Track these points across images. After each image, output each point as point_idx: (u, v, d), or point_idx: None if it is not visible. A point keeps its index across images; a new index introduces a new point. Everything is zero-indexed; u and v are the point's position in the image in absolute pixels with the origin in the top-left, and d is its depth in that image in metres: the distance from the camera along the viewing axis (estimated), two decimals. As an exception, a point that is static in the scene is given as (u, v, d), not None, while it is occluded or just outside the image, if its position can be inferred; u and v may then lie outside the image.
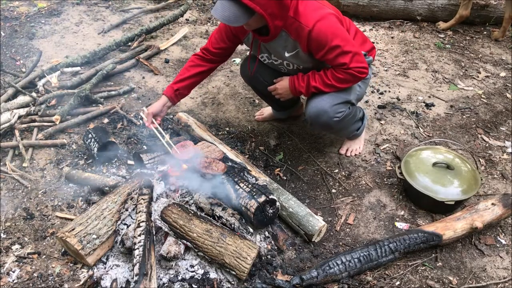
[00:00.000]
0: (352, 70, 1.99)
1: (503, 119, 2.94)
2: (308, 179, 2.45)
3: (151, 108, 2.22)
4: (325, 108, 2.12)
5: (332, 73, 2.04)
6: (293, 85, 2.15)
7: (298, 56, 2.07)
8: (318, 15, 1.91)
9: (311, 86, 2.10)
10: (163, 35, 3.89)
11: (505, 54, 3.72)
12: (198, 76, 2.30)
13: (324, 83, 2.07)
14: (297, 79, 2.14)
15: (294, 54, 2.07)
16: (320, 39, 1.92)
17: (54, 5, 4.24)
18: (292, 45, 2.03)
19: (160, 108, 2.24)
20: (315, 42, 1.93)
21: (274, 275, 1.87)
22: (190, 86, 2.31)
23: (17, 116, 2.67)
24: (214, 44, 2.23)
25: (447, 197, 2.10)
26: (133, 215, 1.96)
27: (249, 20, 1.82)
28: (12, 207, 2.18)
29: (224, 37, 2.20)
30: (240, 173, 2.12)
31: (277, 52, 2.12)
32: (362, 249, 1.91)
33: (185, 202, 2.07)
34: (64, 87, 2.95)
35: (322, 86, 2.08)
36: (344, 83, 2.06)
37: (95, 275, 1.85)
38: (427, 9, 4.12)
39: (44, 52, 3.42)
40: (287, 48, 2.06)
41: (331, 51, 1.95)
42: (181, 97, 2.33)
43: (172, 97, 2.26)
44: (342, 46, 1.94)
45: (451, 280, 1.92)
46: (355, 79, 2.05)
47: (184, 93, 2.32)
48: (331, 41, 1.92)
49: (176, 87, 2.25)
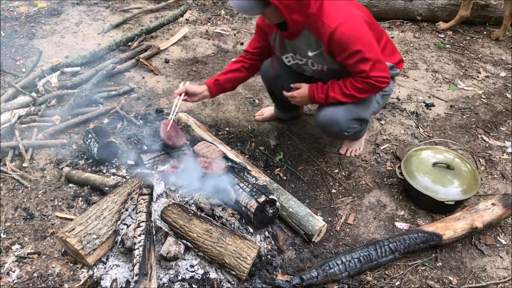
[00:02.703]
0: (371, 80, 1.93)
1: (503, 119, 2.94)
2: (308, 179, 2.45)
3: (190, 86, 2.27)
4: (338, 120, 2.10)
5: (351, 82, 1.98)
6: (312, 95, 2.11)
7: (322, 56, 2.01)
8: (343, 15, 1.84)
9: (330, 97, 2.06)
10: (163, 35, 3.89)
11: (505, 54, 3.72)
12: (240, 71, 2.33)
13: (343, 93, 2.02)
14: (317, 90, 2.09)
15: (318, 53, 2.01)
16: (342, 42, 1.84)
17: (54, 5, 4.24)
18: (315, 44, 1.97)
19: (196, 91, 2.29)
20: (337, 44, 1.86)
21: (274, 275, 1.87)
22: (231, 80, 2.34)
23: (17, 116, 2.67)
24: (252, 45, 2.31)
25: (447, 197, 2.10)
26: (133, 215, 1.96)
27: (266, 11, 1.81)
28: (12, 207, 2.18)
29: (259, 37, 2.26)
30: (240, 173, 2.12)
31: (301, 50, 2.07)
32: (362, 249, 1.91)
33: (185, 202, 2.07)
34: (64, 87, 2.95)
35: (341, 97, 2.03)
36: (364, 93, 2.01)
37: (95, 275, 1.85)
38: (427, 9, 4.12)
39: (44, 52, 3.42)
40: (311, 46, 2.00)
41: (352, 56, 1.88)
42: (221, 90, 2.36)
43: (211, 87, 2.30)
44: (364, 52, 1.86)
45: (451, 280, 1.92)
46: (374, 89, 1.99)
47: (224, 86, 2.34)
48: (353, 45, 1.84)
49: (217, 78, 2.30)
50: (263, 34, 2.22)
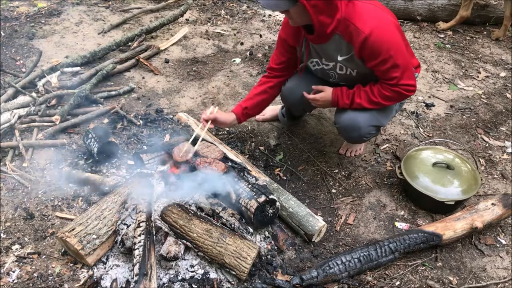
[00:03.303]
0: (399, 88, 1.92)
1: (503, 119, 2.94)
2: (308, 179, 2.45)
3: (220, 114, 2.19)
4: (360, 126, 2.08)
5: (379, 90, 1.96)
6: (336, 100, 2.07)
7: (353, 60, 1.96)
8: (376, 20, 1.80)
9: (355, 103, 2.03)
10: (163, 35, 3.89)
11: (505, 54, 3.72)
12: (266, 93, 2.27)
13: (369, 100, 2.00)
14: (341, 95, 2.05)
15: (348, 57, 1.96)
16: (375, 48, 1.81)
17: (54, 5, 4.24)
18: (346, 48, 1.92)
19: (224, 120, 2.20)
20: (370, 50, 1.82)
21: (274, 275, 1.87)
22: (258, 104, 2.28)
23: (17, 116, 2.67)
24: (275, 61, 2.23)
25: (447, 197, 2.10)
26: (133, 215, 1.96)
27: (291, 10, 1.76)
28: (12, 207, 2.18)
29: (282, 51, 2.18)
30: (240, 173, 2.12)
31: (329, 55, 2.01)
32: (362, 249, 1.91)
33: (185, 202, 2.07)
34: (64, 87, 2.95)
35: (367, 104, 2.01)
36: (390, 100, 2.00)
37: (95, 275, 1.85)
38: (427, 9, 4.12)
39: (44, 52, 3.42)
40: (341, 51, 1.95)
41: (384, 63, 1.85)
42: (248, 117, 2.31)
43: (239, 115, 2.25)
44: (396, 58, 1.83)
45: (451, 280, 1.92)
46: (401, 97, 1.98)
47: (250, 113, 2.29)
48: (386, 52, 1.81)
49: (245, 105, 2.24)
50: (287, 46, 2.14)
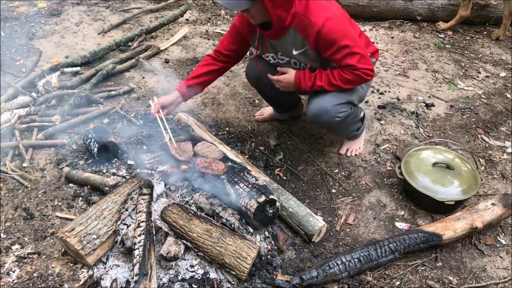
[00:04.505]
0: (359, 71, 2.00)
1: (503, 119, 2.94)
2: (308, 179, 2.45)
3: (162, 98, 2.25)
4: (327, 108, 2.12)
5: (339, 73, 2.03)
6: (298, 82, 2.12)
7: (306, 54, 2.06)
8: (328, 13, 1.92)
9: (316, 85, 2.09)
10: (163, 35, 3.89)
11: (505, 54, 3.72)
12: (210, 74, 2.33)
13: (329, 82, 2.07)
14: (304, 77, 2.11)
15: (302, 51, 2.06)
16: (329, 38, 1.92)
17: (54, 5, 4.24)
18: (300, 43, 2.02)
19: (170, 101, 2.26)
20: (324, 40, 1.93)
21: (274, 275, 1.87)
22: (202, 83, 2.34)
23: (17, 116, 2.67)
24: (225, 47, 2.27)
25: (447, 197, 2.10)
26: (133, 215, 1.96)
27: (251, 8, 1.83)
28: (12, 207, 2.18)
29: (234, 40, 2.23)
30: (240, 173, 2.12)
31: (285, 50, 2.11)
32: (362, 249, 1.91)
33: (185, 202, 2.07)
34: (64, 87, 2.95)
35: (327, 86, 2.08)
36: (350, 83, 2.07)
37: (95, 275, 1.85)
38: (427, 9, 4.12)
39: (44, 52, 3.42)
40: (295, 45, 2.05)
41: (339, 51, 1.95)
42: (193, 94, 2.36)
43: (184, 93, 2.29)
44: (351, 46, 1.94)
45: (451, 280, 1.92)
46: (361, 80, 2.06)
47: (196, 89, 2.34)
48: (340, 40, 1.92)
49: (189, 83, 2.28)
50: (239, 37, 2.21)
